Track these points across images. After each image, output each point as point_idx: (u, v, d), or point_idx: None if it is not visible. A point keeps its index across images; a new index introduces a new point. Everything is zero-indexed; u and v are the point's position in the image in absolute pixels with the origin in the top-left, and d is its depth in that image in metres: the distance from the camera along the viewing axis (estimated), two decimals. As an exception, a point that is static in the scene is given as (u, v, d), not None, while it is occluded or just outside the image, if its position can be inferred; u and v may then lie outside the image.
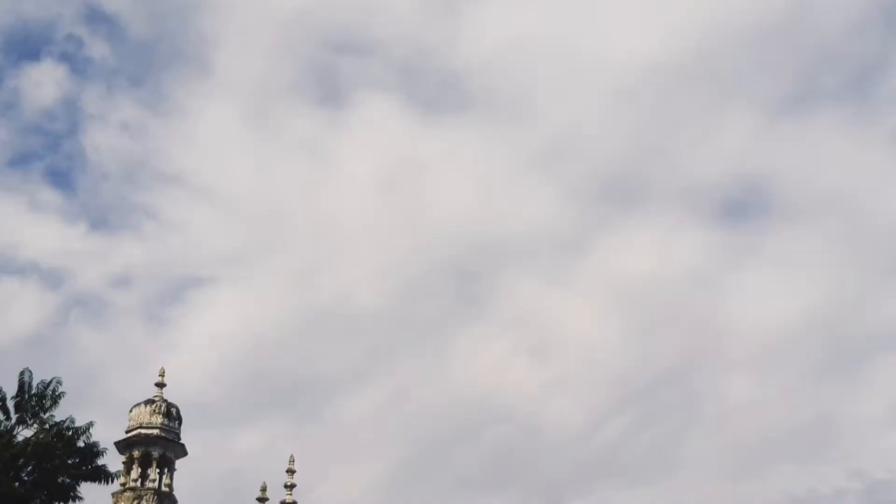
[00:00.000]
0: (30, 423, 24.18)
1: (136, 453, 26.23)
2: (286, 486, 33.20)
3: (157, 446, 26.38)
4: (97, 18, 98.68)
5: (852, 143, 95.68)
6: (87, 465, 24.40)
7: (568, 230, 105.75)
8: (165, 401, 27.12)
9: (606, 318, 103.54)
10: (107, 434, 25.96)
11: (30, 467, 23.66)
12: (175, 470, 26.64)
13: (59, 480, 23.99)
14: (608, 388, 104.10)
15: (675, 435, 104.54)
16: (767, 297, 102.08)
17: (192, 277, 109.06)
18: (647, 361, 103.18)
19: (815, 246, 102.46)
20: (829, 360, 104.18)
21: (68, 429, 24.15)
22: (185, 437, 26.99)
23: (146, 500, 25.65)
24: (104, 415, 26.37)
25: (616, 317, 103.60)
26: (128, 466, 26.19)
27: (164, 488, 26.14)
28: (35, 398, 24.29)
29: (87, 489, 24.65)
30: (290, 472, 33.50)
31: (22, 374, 24.48)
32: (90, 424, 24.42)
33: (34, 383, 24.45)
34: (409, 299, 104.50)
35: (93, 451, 24.45)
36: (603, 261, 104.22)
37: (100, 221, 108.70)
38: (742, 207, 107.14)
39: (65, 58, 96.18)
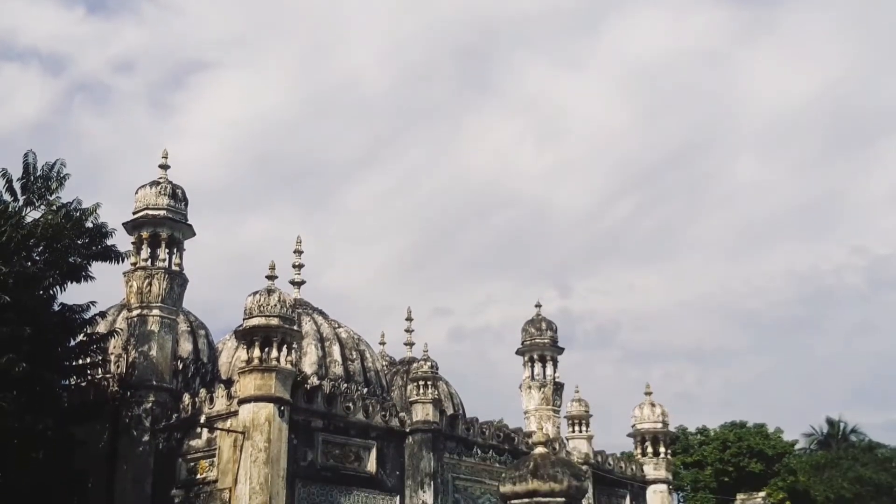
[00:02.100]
0: (37, 204, 24.44)
1: (144, 234, 26.59)
2: (294, 267, 33.96)
3: (165, 227, 26.70)
4: None
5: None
6: (97, 246, 24.87)
7: (579, 10, 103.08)
8: (170, 182, 27.23)
9: (615, 100, 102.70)
10: (115, 219, 26.33)
11: (41, 247, 24.11)
12: (184, 250, 27.08)
13: (71, 260, 24.52)
14: (615, 171, 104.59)
15: (680, 216, 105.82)
16: (779, 75, 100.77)
17: (196, 62, 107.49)
18: (654, 143, 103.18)
19: (829, 24, 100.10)
20: (838, 139, 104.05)
21: (76, 210, 24.44)
22: (195, 223, 27.31)
23: (157, 279, 26.20)
24: (111, 200, 26.66)
25: (625, 99, 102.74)
26: (137, 247, 26.62)
27: (174, 268, 26.65)
28: (41, 179, 24.45)
29: (98, 269, 25.25)
30: (298, 252, 34.19)
31: (26, 156, 24.54)
32: (97, 206, 24.72)
33: (39, 165, 24.58)
34: (415, 83, 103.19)
35: (101, 231, 24.86)
36: (614, 41, 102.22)
37: (97, 4, 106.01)
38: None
39: None
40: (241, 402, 23.44)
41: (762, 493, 24.88)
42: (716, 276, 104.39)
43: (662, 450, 33.82)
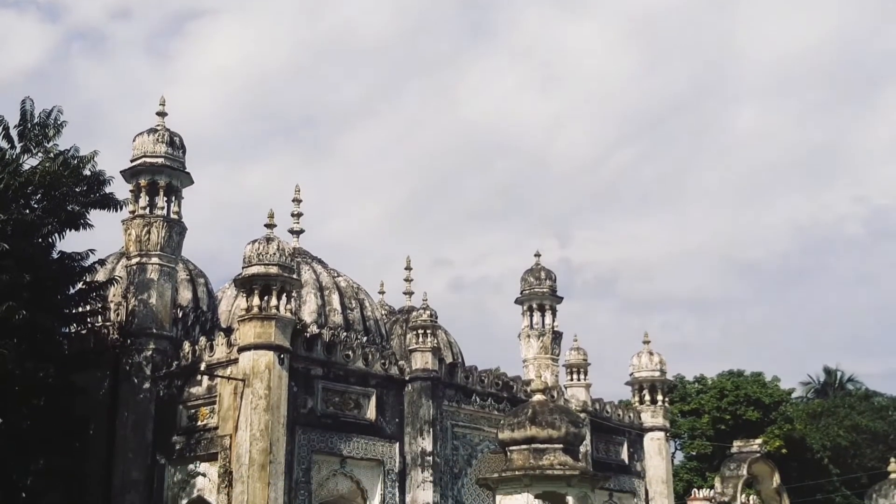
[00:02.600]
0: (34, 152, 24.37)
1: (142, 182, 26.46)
2: (293, 215, 33.91)
3: (163, 175, 26.57)
4: None
5: None
6: (95, 194, 24.82)
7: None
8: (168, 130, 27.05)
9: (617, 47, 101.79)
10: (112, 167, 26.23)
11: (38, 195, 24.07)
12: (182, 198, 26.98)
13: (69, 208, 24.49)
14: (616, 120, 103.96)
15: (682, 165, 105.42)
16: (782, 23, 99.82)
17: (193, 9, 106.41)
18: (656, 92, 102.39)
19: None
20: (840, 88, 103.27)
21: (73, 157, 24.37)
22: (193, 171, 27.19)
23: (156, 228, 26.13)
24: (108, 148, 26.55)
25: (627, 47, 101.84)
26: (135, 195, 26.52)
27: (172, 216, 26.58)
28: (38, 127, 24.36)
29: (96, 217, 25.22)
30: (297, 201, 34.11)
31: (23, 102, 24.43)
32: (95, 154, 24.65)
33: (36, 113, 24.45)
34: (415, 31, 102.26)
35: (99, 179, 24.80)
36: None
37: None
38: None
39: None
40: (241, 349, 23.53)
41: (759, 441, 25.05)
42: (717, 225, 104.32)
43: (660, 398, 34.03)
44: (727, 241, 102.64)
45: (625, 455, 32.96)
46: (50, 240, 24.35)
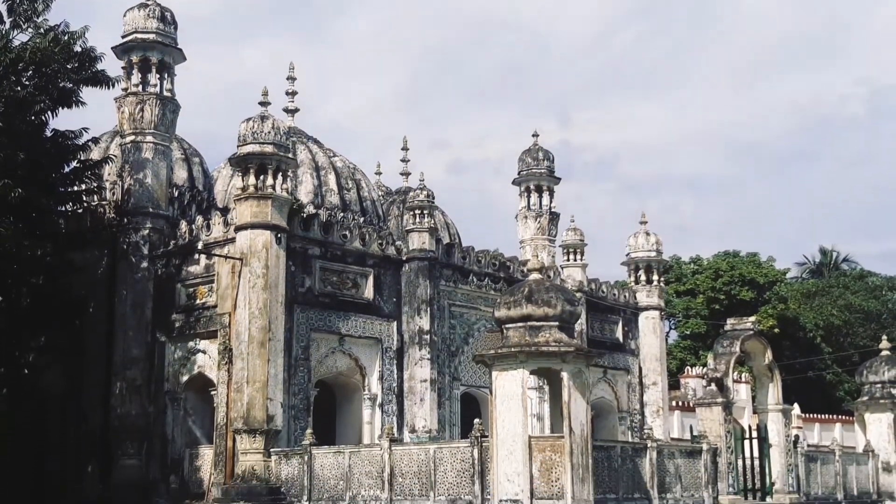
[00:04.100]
0: (24, 27, 23.89)
1: (134, 58, 25.98)
2: (287, 94, 33.42)
3: (155, 51, 26.06)
4: None
5: None
6: (86, 71, 24.42)
7: None
8: (159, 4, 26.41)
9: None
10: (103, 44, 25.78)
11: (30, 72, 23.67)
12: (175, 76, 26.54)
13: (61, 85, 24.13)
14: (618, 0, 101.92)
15: (683, 47, 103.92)
16: None
17: None
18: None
19: None
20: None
21: (64, 34, 23.90)
22: (187, 51, 26.70)
23: (149, 105, 25.77)
24: (98, 25, 25.98)
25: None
26: (127, 72, 26.07)
27: (165, 93, 26.19)
28: (26, 1, 23.82)
29: (89, 95, 24.88)
30: (291, 79, 33.56)
31: (9, -21, 23.82)
32: (85, 29, 24.17)
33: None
34: None
35: (90, 56, 24.36)
36: None
37: None
38: None
39: None
40: (238, 229, 23.51)
41: (752, 318, 25.29)
42: (718, 106, 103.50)
43: (655, 278, 34.23)
44: (728, 123, 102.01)
45: (619, 334, 33.35)
46: (43, 118, 24.06)
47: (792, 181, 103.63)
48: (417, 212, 26.84)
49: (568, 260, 32.37)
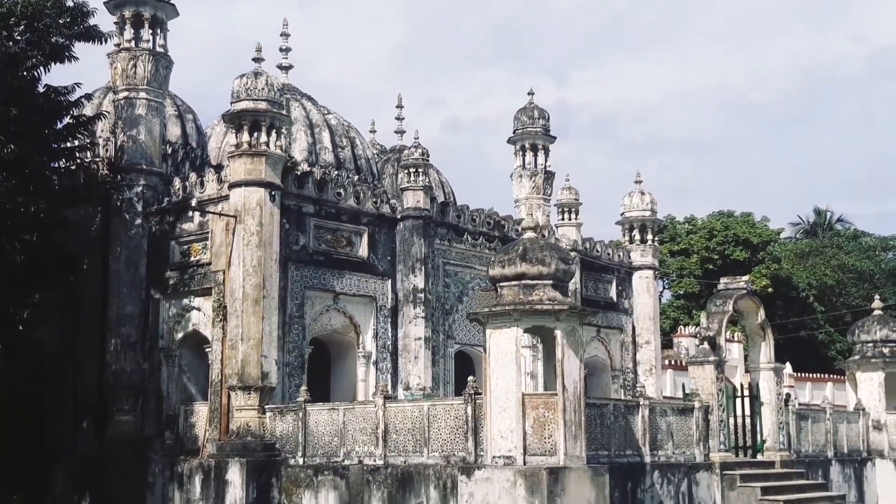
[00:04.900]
0: (15, -19, 23.62)
1: (126, 13, 25.76)
2: (281, 50, 33.16)
3: (147, 6, 25.83)
4: None
5: None
6: (79, 26, 24.23)
7: None
8: (152, -41, 26.21)
9: None
10: (96, 0, 25.52)
11: (21, 27, 23.48)
12: (168, 31, 26.33)
13: (53, 40, 23.94)
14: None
15: (681, 6, 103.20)
16: None
17: None
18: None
19: None
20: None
21: (54, -13, 23.68)
22: (180, 6, 26.49)
23: (142, 61, 25.59)
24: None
25: None
26: (120, 27, 25.84)
27: (158, 49, 25.99)
28: (16, -47, 23.56)
29: (81, 50, 24.69)
30: (285, 35, 33.25)
31: (-3, -73, 23.50)
32: (77, -16, 23.94)
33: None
34: None
35: (82, 11, 24.16)
36: None
37: None
38: None
39: None
40: (232, 186, 23.46)
41: (745, 277, 25.37)
42: (717, 67, 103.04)
43: (650, 237, 34.27)
44: (726, 83, 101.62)
45: (613, 293, 33.43)
46: (35, 73, 23.90)
47: (788, 142, 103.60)
48: (412, 170, 26.78)
49: (563, 219, 32.40)
